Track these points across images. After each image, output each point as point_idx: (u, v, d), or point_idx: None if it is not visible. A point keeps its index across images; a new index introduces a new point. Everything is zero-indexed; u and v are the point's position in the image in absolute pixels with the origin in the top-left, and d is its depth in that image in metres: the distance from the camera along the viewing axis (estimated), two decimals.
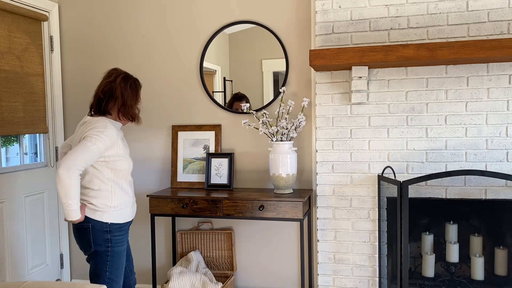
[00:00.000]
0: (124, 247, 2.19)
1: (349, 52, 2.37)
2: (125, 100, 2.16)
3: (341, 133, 2.66)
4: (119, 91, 2.15)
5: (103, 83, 2.18)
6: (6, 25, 2.89)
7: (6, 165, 3.06)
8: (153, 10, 3.15)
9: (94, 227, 2.08)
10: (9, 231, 2.92)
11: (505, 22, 2.42)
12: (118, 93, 2.15)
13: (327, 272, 2.73)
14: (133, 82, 2.22)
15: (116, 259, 2.14)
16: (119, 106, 2.16)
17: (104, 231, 2.10)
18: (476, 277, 2.50)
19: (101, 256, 2.10)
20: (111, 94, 2.15)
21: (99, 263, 2.11)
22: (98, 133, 2.03)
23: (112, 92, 2.15)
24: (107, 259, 2.11)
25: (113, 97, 2.15)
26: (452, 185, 2.52)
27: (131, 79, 2.22)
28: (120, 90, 2.15)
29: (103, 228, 2.09)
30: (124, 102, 2.16)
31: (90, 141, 2.00)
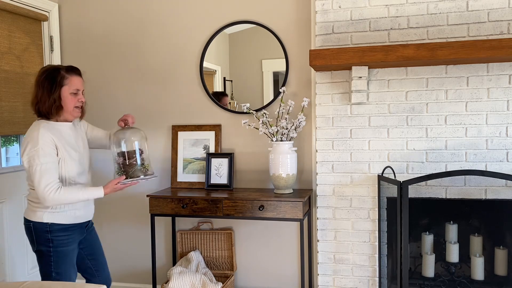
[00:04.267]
0: (70, 247, 2.12)
1: (349, 52, 2.37)
2: (37, 95, 2.05)
3: (341, 133, 2.66)
4: (34, 87, 2.07)
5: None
6: (6, 25, 2.89)
7: (6, 165, 3.06)
8: (152, 10, 3.15)
9: (35, 226, 2.06)
10: (9, 231, 2.91)
11: (505, 22, 2.42)
12: (34, 90, 2.07)
13: (327, 272, 2.73)
14: (49, 72, 2.06)
15: (62, 259, 2.08)
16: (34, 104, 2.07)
17: (44, 231, 2.05)
18: (476, 277, 2.50)
19: (45, 255, 2.07)
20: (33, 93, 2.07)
21: (44, 263, 2.08)
22: (34, 151, 1.95)
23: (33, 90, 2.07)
24: (50, 259, 2.07)
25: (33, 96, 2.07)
26: (452, 185, 2.52)
27: (48, 70, 2.07)
28: (35, 86, 2.06)
29: (43, 228, 2.05)
30: (36, 99, 2.05)
31: (34, 163, 1.95)
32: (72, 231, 2.13)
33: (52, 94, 2.04)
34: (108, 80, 3.28)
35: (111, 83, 3.27)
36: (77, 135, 2.21)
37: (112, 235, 3.31)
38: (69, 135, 2.14)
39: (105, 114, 3.29)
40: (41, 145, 1.96)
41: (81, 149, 2.19)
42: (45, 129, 2.01)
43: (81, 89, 2.15)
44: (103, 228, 3.33)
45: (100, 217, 3.33)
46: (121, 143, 2.20)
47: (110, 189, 2.10)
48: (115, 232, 3.31)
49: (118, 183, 2.11)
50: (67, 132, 2.13)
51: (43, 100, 2.04)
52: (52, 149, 1.99)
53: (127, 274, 3.29)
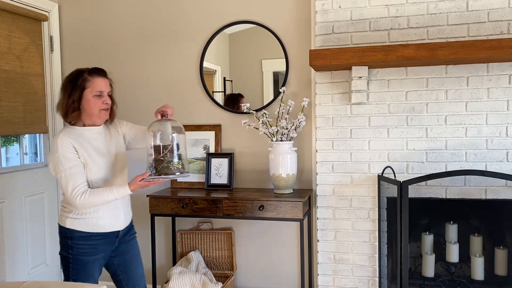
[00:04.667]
0: (91, 258, 2.02)
1: (349, 52, 2.37)
2: (60, 99, 2.00)
3: (341, 133, 2.66)
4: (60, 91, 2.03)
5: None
6: (6, 25, 2.89)
7: (6, 165, 3.06)
8: (153, 10, 3.15)
9: (60, 230, 2.04)
10: (9, 231, 2.92)
11: (505, 22, 2.42)
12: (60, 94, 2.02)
13: (327, 272, 2.73)
14: (73, 75, 2.00)
15: (80, 268, 2.01)
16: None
17: (66, 236, 2.01)
18: (476, 277, 2.50)
19: (65, 261, 2.03)
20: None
21: (64, 268, 2.05)
22: (56, 158, 1.92)
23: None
24: (69, 266, 2.02)
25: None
26: (452, 185, 2.52)
27: (72, 74, 2.01)
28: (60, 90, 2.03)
29: (65, 233, 2.01)
30: (59, 103, 2.01)
31: (59, 170, 1.91)
32: (95, 241, 2.02)
33: (71, 97, 1.96)
34: None
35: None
36: (109, 139, 2.10)
37: None
38: (96, 139, 2.03)
39: None
40: (61, 151, 1.91)
41: (112, 153, 2.08)
42: (65, 134, 1.95)
43: (105, 91, 2.01)
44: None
45: None
46: (156, 135, 1.99)
47: (134, 185, 1.94)
48: None
49: (142, 179, 1.93)
50: (93, 137, 2.03)
51: (64, 104, 1.98)
52: (72, 153, 1.93)
53: None
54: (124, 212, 2.12)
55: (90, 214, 2.00)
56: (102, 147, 2.04)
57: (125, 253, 2.18)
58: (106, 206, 2.02)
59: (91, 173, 1.97)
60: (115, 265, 2.18)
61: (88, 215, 2.00)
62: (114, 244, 2.11)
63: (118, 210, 2.08)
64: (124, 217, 2.12)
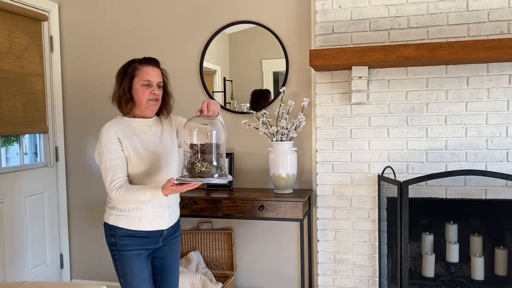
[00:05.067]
0: (135, 252, 1.91)
1: (349, 52, 2.37)
2: (114, 89, 1.97)
3: (341, 133, 2.66)
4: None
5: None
6: (6, 25, 2.89)
7: (6, 165, 3.06)
8: (153, 10, 3.15)
9: (104, 226, 1.97)
10: (9, 231, 2.91)
11: (505, 22, 2.42)
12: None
13: (327, 272, 2.73)
14: (125, 65, 1.96)
15: (127, 263, 1.91)
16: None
17: (109, 234, 1.93)
18: (476, 277, 2.50)
19: (113, 258, 1.96)
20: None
21: (115, 267, 1.97)
22: (99, 148, 1.86)
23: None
24: (116, 263, 1.94)
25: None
26: (452, 185, 2.52)
27: (125, 64, 1.97)
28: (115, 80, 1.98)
29: (109, 230, 1.93)
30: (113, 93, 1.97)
31: (101, 159, 1.84)
32: (138, 239, 1.91)
33: (121, 87, 1.91)
34: (108, 80, 3.27)
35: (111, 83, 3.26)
36: (160, 133, 1.97)
37: None
38: (145, 132, 1.93)
39: (105, 114, 3.28)
40: (104, 142, 1.84)
41: (159, 148, 1.94)
42: (112, 124, 1.89)
43: (154, 81, 1.90)
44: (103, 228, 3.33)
45: (100, 217, 3.33)
46: (193, 133, 1.79)
47: (167, 190, 1.75)
48: None
49: (173, 183, 1.73)
50: (141, 129, 1.93)
51: (116, 94, 1.94)
52: (115, 144, 1.84)
53: None
54: (170, 210, 1.98)
55: (132, 211, 1.89)
56: (149, 141, 1.93)
57: (167, 256, 2.05)
58: (150, 203, 1.89)
59: (133, 167, 1.87)
60: (154, 266, 2.05)
61: (131, 212, 1.89)
62: (157, 243, 1.99)
63: (163, 207, 1.95)
64: (170, 215, 1.98)
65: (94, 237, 3.35)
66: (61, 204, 3.33)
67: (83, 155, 3.34)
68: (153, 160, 1.91)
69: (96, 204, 3.34)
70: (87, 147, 3.33)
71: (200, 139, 1.77)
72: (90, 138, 3.32)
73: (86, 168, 3.34)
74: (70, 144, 3.37)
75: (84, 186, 3.35)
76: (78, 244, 3.40)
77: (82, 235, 3.38)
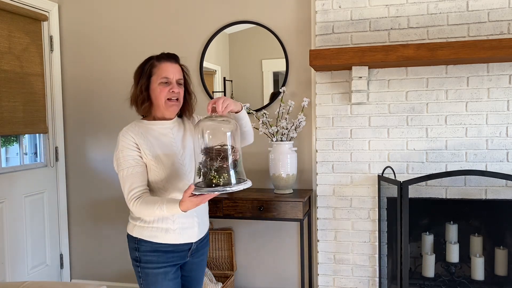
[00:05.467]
0: (161, 270, 1.72)
1: (349, 52, 2.37)
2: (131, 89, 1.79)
3: (341, 133, 2.66)
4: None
5: None
6: (6, 25, 2.89)
7: (6, 165, 3.06)
8: (153, 10, 3.15)
9: (128, 238, 1.79)
10: (9, 231, 2.91)
11: (505, 22, 2.41)
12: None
13: (327, 272, 2.73)
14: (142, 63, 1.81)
15: (152, 281, 1.72)
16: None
17: (133, 248, 1.75)
18: (476, 277, 2.50)
19: (136, 273, 1.77)
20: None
21: (138, 283, 1.78)
22: (116, 154, 1.71)
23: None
24: (140, 281, 1.76)
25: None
26: (452, 185, 2.52)
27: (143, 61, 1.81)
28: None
29: (133, 242, 1.75)
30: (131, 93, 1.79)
31: (119, 168, 1.70)
32: (165, 253, 1.73)
33: (138, 86, 1.74)
34: (108, 80, 3.27)
35: (111, 83, 3.27)
36: (181, 136, 1.80)
37: (112, 235, 3.31)
38: (165, 135, 1.75)
39: (105, 115, 3.29)
40: (121, 148, 1.69)
41: (181, 152, 1.76)
42: (129, 128, 1.73)
43: (173, 78, 1.73)
44: (103, 228, 3.33)
45: (100, 217, 3.34)
46: (205, 135, 1.57)
47: (186, 204, 1.54)
48: (115, 232, 3.31)
49: (191, 194, 1.52)
50: (162, 132, 1.75)
51: (133, 94, 1.76)
52: (133, 150, 1.68)
53: (127, 274, 3.29)
54: (199, 221, 1.79)
55: (158, 222, 1.71)
56: (170, 145, 1.75)
57: (192, 271, 1.87)
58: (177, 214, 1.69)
59: (154, 173, 1.71)
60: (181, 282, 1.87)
61: (155, 223, 1.71)
62: (185, 257, 1.80)
63: (191, 217, 1.76)
64: (199, 227, 1.79)
65: (94, 237, 3.35)
66: (61, 204, 3.33)
67: (83, 155, 3.34)
68: (175, 166, 1.73)
69: (96, 204, 3.34)
70: (87, 147, 3.33)
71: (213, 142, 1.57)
72: (90, 138, 3.32)
73: (86, 168, 3.34)
74: (70, 144, 3.37)
75: (84, 186, 3.35)
76: (78, 244, 3.40)
77: (82, 235, 3.38)
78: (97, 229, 3.34)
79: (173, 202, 1.58)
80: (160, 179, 1.71)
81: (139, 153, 1.69)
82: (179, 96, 1.75)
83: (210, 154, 1.51)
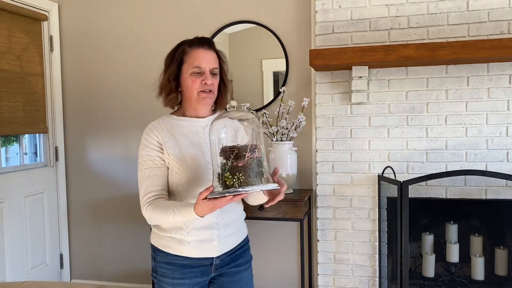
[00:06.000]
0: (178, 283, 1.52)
1: (349, 52, 2.37)
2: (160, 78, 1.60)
3: (341, 133, 2.66)
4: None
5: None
6: (6, 25, 2.89)
7: (6, 165, 3.06)
8: (153, 10, 3.15)
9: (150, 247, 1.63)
10: (9, 231, 2.91)
11: (505, 22, 2.41)
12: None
13: (327, 272, 2.73)
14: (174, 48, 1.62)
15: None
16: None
17: (152, 257, 1.60)
18: (477, 277, 2.50)
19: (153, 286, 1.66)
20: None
21: None
22: (139, 152, 1.56)
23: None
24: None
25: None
26: (452, 185, 2.52)
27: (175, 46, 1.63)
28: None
29: (152, 251, 1.59)
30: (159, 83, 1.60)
31: (138, 167, 1.54)
32: (181, 267, 1.52)
33: (167, 75, 1.55)
34: (108, 79, 3.27)
35: (111, 83, 3.26)
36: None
37: (112, 235, 3.31)
38: (196, 134, 1.56)
39: (105, 114, 3.29)
40: (142, 147, 1.54)
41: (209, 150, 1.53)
42: (154, 124, 1.57)
43: (206, 67, 1.51)
44: (103, 228, 3.33)
45: (100, 217, 3.33)
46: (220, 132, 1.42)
47: (201, 208, 1.34)
48: (115, 232, 3.31)
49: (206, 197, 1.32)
50: (192, 130, 1.56)
51: (161, 82, 1.58)
52: (154, 150, 1.52)
53: (127, 274, 3.29)
54: (219, 233, 1.53)
55: (171, 231, 1.52)
56: (200, 145, 1.55)
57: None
58: (191, 223, 1.50)
59: (175, 176, 1.52)
60: None
61: (170, 233, 1.52)
62: (208, 274, 1.56)
63: (210, 230, 1.52)
64: (221, 239, 1.53)
65: (94, 237, 3.35)
66: (61, 204, 3.33)
67: (83, 155, 3.34)
68: (200, 169, 1.52)
69: (96, 204, 3.34)
70: (87, 147, 3.33)
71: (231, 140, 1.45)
72: (90, 138, 3.32)
73: (86, 168, 3.34)
74: (70, 144, 3.37)
75: (84, 186, 3.35)
76: (78, 244, 3.40)
77: (82, 235, 3.38)
78: (97, 229, 3.34)
79: (188, 205, 1.39)
80: (181, 183, 1.51)
81: (161, 153, 1.52)
82: (213, 88, 1.54)
83: (226, 153, 1.36)
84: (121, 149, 3.26)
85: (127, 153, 3.25)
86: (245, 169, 1.32)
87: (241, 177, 1.31)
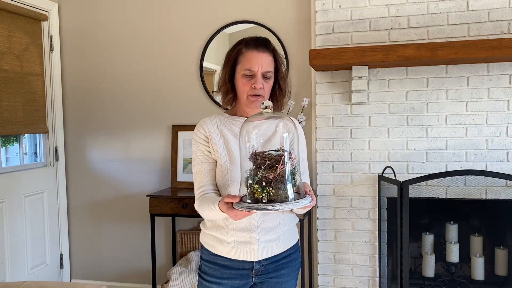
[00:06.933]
0: (214, 286, 1.49)
1: (349, 52, 2.37)
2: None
3: (341, 133, 2.66)
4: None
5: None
6: (6, 25, 2.89)
7: (6, 165, 3.06)
8: (153, 10, 3.14)
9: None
10: (9, 231, 2.91)
11: (505, 22, 2.41)
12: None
13: (327, 272, 2.73)
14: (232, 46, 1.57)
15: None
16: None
17: (200, 254, 1.59)
18: (476, 277, 2.50)
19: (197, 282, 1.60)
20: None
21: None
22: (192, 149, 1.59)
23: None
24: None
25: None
26: (452, 185, 2.52)
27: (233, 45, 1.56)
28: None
29: (201, 248, 1.59)
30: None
31: (192, 163, 1.57)
32: (221, 268, 1.49)
33: (222, 74, 1.53)
34: (108, 79, 3.27)
35: (111, 83, 3.26)
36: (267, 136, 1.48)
37: (112, 235, 3.31)
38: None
39: (105, 114, 3.29)
40: (193, 142, 1.56)
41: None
42: (207, 119, 1.55)
43: (258, 70, 1.44)
44: (103, 228, 3.33)
45: (100, 217, 3.33)
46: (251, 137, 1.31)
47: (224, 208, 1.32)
48: (115, 232, 3.31)
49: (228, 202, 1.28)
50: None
51: (219, 82, 1.56)
52: (203, 145, 1.52)
53: (127, 274, 3.29)
54: (259, 237, 1.45)
55: (213, 229, 1.51)
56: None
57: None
58: (233, 223, 1.45)
59: (218, 171, 1.51)
60: None
61: (211, 230, 1.51)
62: (249, 278, 1.49)
63: (248, 232, 1.45)
64: (261, 244, 1.45)
65: (94, 237, 3.35)
66: (61, 204, 3.33)
67: (83, 155, 3.34)
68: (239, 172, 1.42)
69: (96, 204, 3.34)
70: (87, 147, 3.33)
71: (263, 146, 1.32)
72: (90, 138, 3.32)
73: (86, 168, 3.34)
74: (70, 144, 3.36)
75: (84, 186, 3.35)
76: (78, 244, 3.40)
77: (82, 235, 3.38)
78: (97, 229, 3.34)
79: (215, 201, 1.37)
80: (222, 179, 1.49)
81: (208, 148, 1.51)
82: (262, 93, 1.46)
83: (257, 161, 1.23)
84: (121, 149, 3.26)
85: (127, 153, 3.25)
86: (276, 182, 1.20)
87: (271, 191, 1.20)
